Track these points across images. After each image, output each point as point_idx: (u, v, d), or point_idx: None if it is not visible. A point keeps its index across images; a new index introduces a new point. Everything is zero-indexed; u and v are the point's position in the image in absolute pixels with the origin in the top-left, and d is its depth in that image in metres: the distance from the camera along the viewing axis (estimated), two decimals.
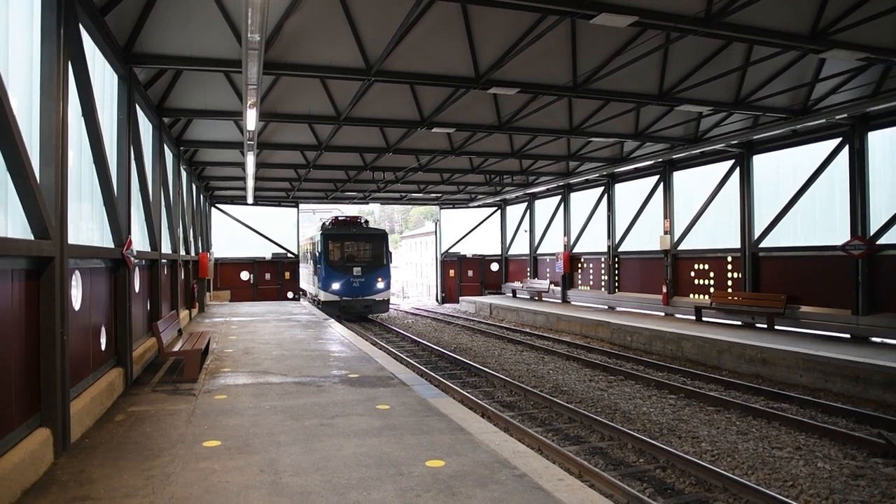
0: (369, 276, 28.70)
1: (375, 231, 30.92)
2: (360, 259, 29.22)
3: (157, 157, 14.62)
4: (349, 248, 29.42)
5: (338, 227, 30.09)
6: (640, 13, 9.34)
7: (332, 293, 28.10)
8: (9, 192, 5.77)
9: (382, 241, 29.99)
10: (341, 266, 28.53)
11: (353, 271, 28.36)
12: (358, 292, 28.31)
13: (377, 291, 28.80)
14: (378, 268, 29.08)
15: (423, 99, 15.26)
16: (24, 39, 6.43)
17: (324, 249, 28.48)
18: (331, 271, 28.38)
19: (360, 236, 29.68)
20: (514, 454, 6.46)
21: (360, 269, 28.56)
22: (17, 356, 5.70)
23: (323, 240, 28.77)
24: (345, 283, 28.17)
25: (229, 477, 5.79)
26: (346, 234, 29.41)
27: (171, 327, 12.81)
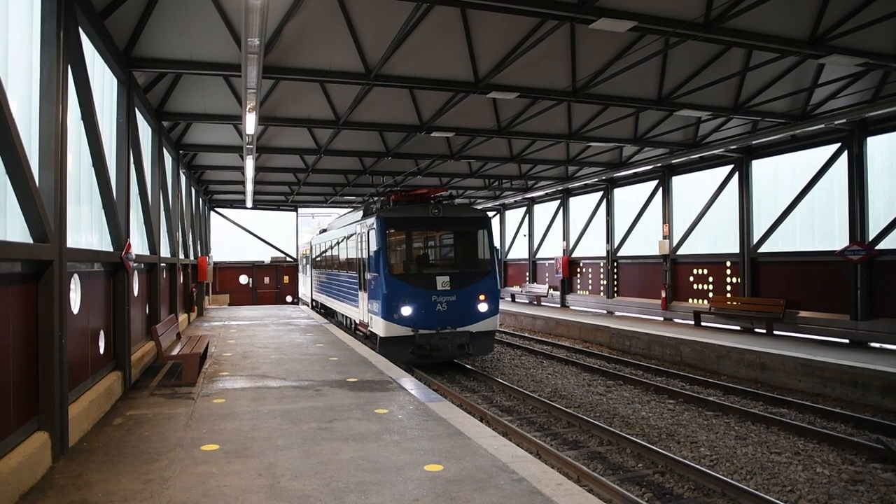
0: (465, 293, 15.72)
1: (472, 214, 17.09)
2: (449, 262, 16.88)
3: (156, 160, 14.63)
4: (429, 243, 17.38)
5: (406, 206, 16.78)
6: (640, 18, 9.37)
7: (399, 323, 15.08)
8: (8, 195, 5.77)
9: (484, 231, 16.63)
10: (416, 275, 15.75)
11: (436, 284, 15.51)
12: (447, 320, 15.38)
13: (478, 317, 15.74)
14: (478, 276, 16.08)
15: (423, 103, 15.28)
16: (23, 43, 6.44)
17: (382, 246, 15.55)
18: (397, 285, 15.31)
19: (447, 223, 16.55)
20: (513, 459, 6.45)
21: (450, 279, 15.64)
22: (16, 359, 5.69)
23: (379, 229, 15.69)
24: (424, 306, 15.26)
25: (227, 481, 5.78)
26: (423, 220, 16.29)
27: (170, 331, 12.80)
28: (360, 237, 17.78)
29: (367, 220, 16.87)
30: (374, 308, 15.94)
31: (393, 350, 15.05)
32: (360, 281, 17.81)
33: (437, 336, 15.20)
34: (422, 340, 15.08)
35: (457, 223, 16.62)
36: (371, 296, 16.34)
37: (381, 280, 15.28)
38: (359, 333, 18.77)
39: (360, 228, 17.98)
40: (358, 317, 18.48)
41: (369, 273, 16.44)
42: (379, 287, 15.41)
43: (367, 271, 16.67)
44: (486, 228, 16.59)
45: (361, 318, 17.87)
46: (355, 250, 18.71)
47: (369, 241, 16.39)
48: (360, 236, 17.78)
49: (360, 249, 17.78)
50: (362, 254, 17.52)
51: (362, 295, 17.61)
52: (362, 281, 17.57)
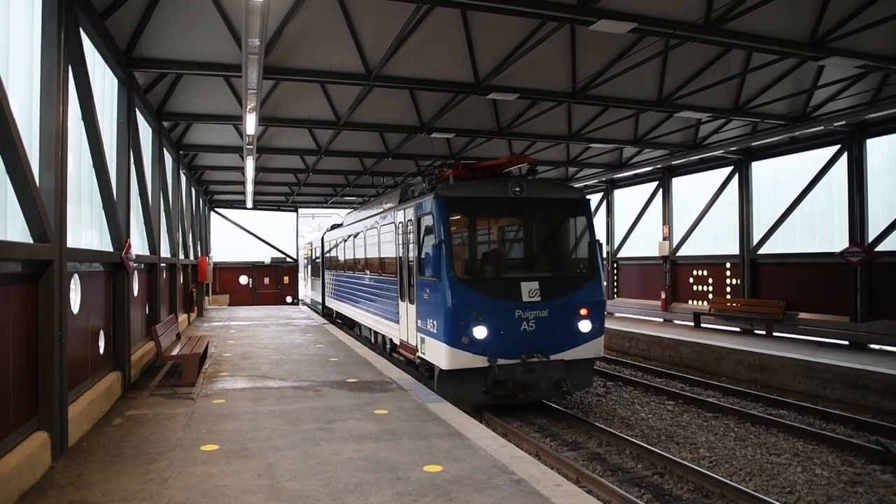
0: (561, 306, 11.13)
1: (567, 194, 12.21)
2: (537, 262, 11.92)
3: (156, 161, 14.64)
4: (509, 235, 12.54)
5: (472, 183, 11.79)
6: (640, 20, 9.38)
7: (470, 349, 10.52)
8: (8, 195, 5.78)
9: (584, 217, 12.09)
10: (494, 281, 11.07)
11: (521, 293, 10.89)
12: (536, 345, 10.83)
13: (578, 340, 11.23)
14: (578, 281, 11.60)
15: (423, 104, 15.29)
16: (24, 43, 6.45)
17: (444, 238, 10.85)
18: (466, 295, 10.65)
19: (533, 206, 11.74)
20: (512, 459, 6.46)
21: (540, 287, 11.03)
22: (16, 359, 5.70)
23: (439, 214, 11.05)
24: (504, 325, 10.71)
25: (227, 481, 5.78)
26: (501, 202, 11.51)
27: (170, 331, 12.81)
28: (400, 229, 13.15)
29: (412, 204, 12.24)
30: (428, 326, 11.08)
31: (459, 388, 10.55)
32: (402, 287, 13.00)
33: (521, 368, 10.47)
34: (502, 374, 10.32)
35: (547, 206, 11.74)
36: (423, 309, 11.37)
37: (444, 287, 10.35)
38: (397, 357, 14.29)
39: (399, 217, 13.26)
40: (396, 335, 13.63)
41: (420, 276, 11.47)
42: (439, 297, 10.49)
43: (416, 274, 11.73)
44: (586, 214, 11.88)
45: (403, 338, 12.93)
46: (391, 246, 14.05)
47: (419, 232, 11.70)
48: (401, 227, 13.14)
49: (400, 245, 13.11)
50: (403, 251, 12.92)
51: (405, 307, 12.79)
52: (404, 287, 12.82)
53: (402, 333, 13.14)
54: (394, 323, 13.87)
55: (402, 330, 13.12)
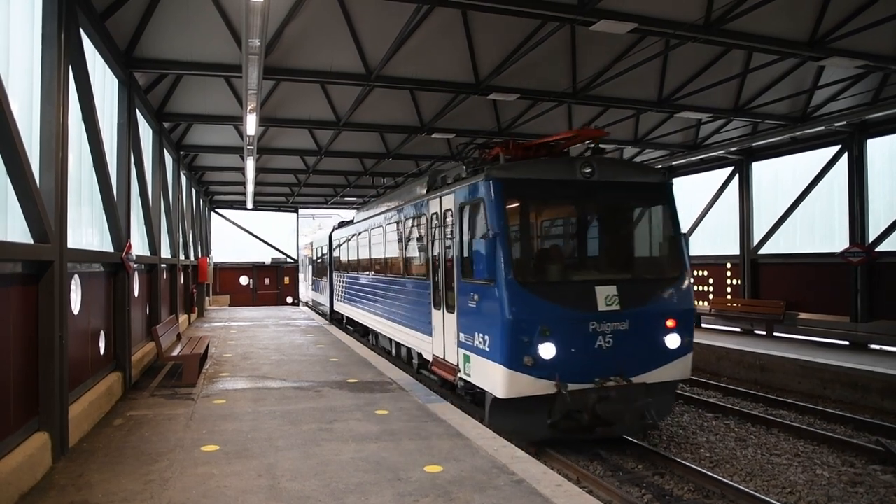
0: (643, 316, 8.92)
1: (647, 177, 9.81)
2: (612, 262, 9.78)
3: (156, 161, 14.65)
4: (576, 228, 10.06)
5: (530, 163, 9.49)
6: (640, 20, 9.39)
7: (534, 372, 8.21)
8: (9, 195, 5.78)
9: (666, 206, 9.80)
10: (562, 285, 8.87)
11: (595, 301, 8.64)
12: (613, 365, 8.64)
13: (664, 358, 9.07)
14: (662, 285, 9.34)
15: (423, 104, 15.29)
16: (24, 44, 6.45)
17: (500, 230, 8.49)
18: (529, 303, 8.35)
19: (606, 191, 9.44)
20: (512, 459, 6.46)
21: (618, 292, 8.75)
22: (16, 360, 5.70)
23: (495, 200, 8.72)
24: (576, 341, 8.45)
25: (227, 482, 5.78)
26: (568, 186, 9.22)
27: (171, 332, 12.81)
28: (433, 222, 10.97)
29: (450, 191, 10.12)
30: (476, 342, 8.95)
31: (518, 421, 8.56)
32: (435, 292, 10.92)
33: (596, 394, 8.33)
34: (575, 402, 8.27)
35: (624, 192, 9.50)
36: (469, 320, 9.23)
37: (501, 293, 8.21)
38: (426, 375, 12.22)
39: (432, 208, 11.07)
40: (427, 349, 11.46)
41: (464, 279, 9.39)
42: (494, 306, 8.38)
43: (458, 276, 9.63)
44: (668, 201, 9.67)
45: (438, 354, 10.83)
46: (420, 244, 11.99)
47: (462, 225, 9.63)
48: (434, 220, 10.95)
49: (433, 241, 10.99)
50: (437, 249, 10.76)
51: (440, 317, 10.63)
52: (439, 292, 10.69)
53: (437, 348, 10.86)
54: (424, 335, 11.56)
55: (437, 344, 10.84)
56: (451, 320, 10.05)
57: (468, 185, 9.44)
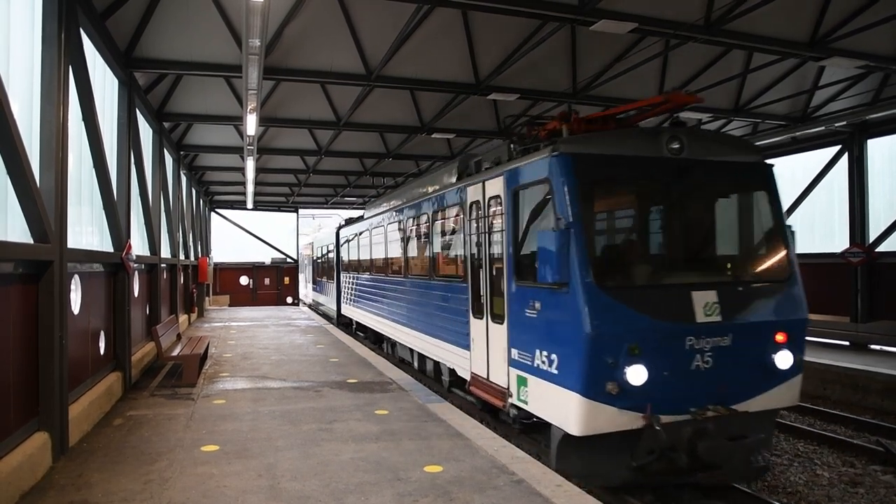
0: (749, 329, 7.00)
1: (745, 156, 7.84)
2: (708, 261, 7.80)
3: (156, 161, 14.65)
4: (661, 216, 7.72)
5: (610, 136, 7.41)
6: (640, 20, 9.39)
7: (619, 402, 6.38)
8: (9, 195, 5.78)
9: (767, 188, 7.97)
10: (649, 291, 6.94)
11: (693, 310, 6.75)
12: (713, 390, 6.80)
13: (772, 381, 7.10)
14: (774, 289, 7.37)
15: (423, 104, 15.29)
16: (25, 44, 6.45)
17: (575, 221, 6.62)
18: (614, 312, 6.48)
19: (699, 172, 7.40)
20: (512, 460, 6.46)
21: (719, 299, 6.86)
22: (16, 359, 5.70)
23: (563, 179, 6.81)
24: (669, 362, 6.58)
25: (227, 481, 5.78)
26: (654, 165, 7.20)
27: (171, 332, 12.81)
28: (474, 212, 9.29)
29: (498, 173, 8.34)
30: (538, 361, 7.17)
31: (595, 462, 6.82)
32: (474, 297, 9.22)
33: (691, 428, 6.62)
34: (670, 438, 6.53)
35: (718, 173, 7.64)
36: (528, 333, 7.49)
37: (577, 300, 6.49)
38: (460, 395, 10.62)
39: (471, 195, 9.36)
40: (463, 365, 9.67)
41: (521, 282, 7.60)
42: (567, 316, 6.67)
43: (510, 278, 7.85)
44: (769, 186, 7.99)
45: (478, 372, 9.05)
46: (455, 239, 10.28)
47: (516, 214, 7.84)
48: (474, 211, 9.29)
49: (473, 236, 9.27)
50: (480, 244, 9.01)
51: (481, 327, 8.88)
52: (480, 297, 8.97)
53: (477, 365, 9.09)
54: (458, 348, 9.79)
55: (477, 360, 9.08)
56: (498, 332, 8.20)
57: (526, 164, 7.52)
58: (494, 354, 8.43)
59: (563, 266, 6.50)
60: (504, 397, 8.05)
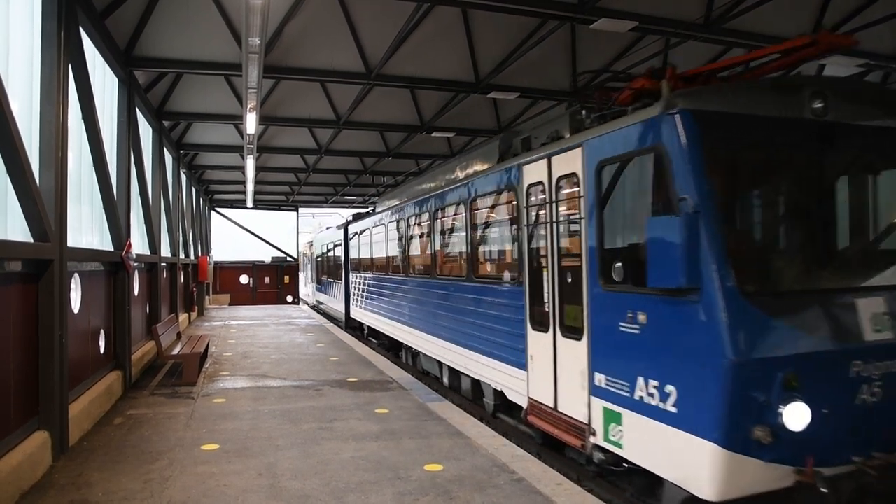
0: None
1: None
2: (870, 256, 5.99)
3: (156, 160, 14.64)
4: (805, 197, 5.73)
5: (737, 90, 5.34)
6: (640, 18, 9.39)
7: (770, 455, 4.65)
8: (9, 195, 5.78)
9: None
10: (804, 299, 5.01)
11: (857, 323, 4.97)
12: (878, 428, 4.98)
13: None
14: None
15: (423, 103, 15.28)
16: (24, 43, 6.45)
17: (705, 201, 4.78)
18: (765, 328, 4.69)
19: (850, 137, 5.52)
20: (513, 458, 6.46)
21: (886, 304, 5.09)
22: (16, 358, 5.70)
23: (684, 145, 4.93)
24: (829, 395, 4.81)
25: (227, 480, 5.78)
26: (788, 128, 5.28)
27: (171, 331, 12.81)
28: (531, 198, 7.58)
29: (573, 144, 6.59)
30: (646, 394, 5.41)
31: None
32: (535, 304, 7.46)
33: (856, 483, 4.87)
34: (832, 500, 4.72)
35: (876, 141, 5.78)
36: (626, 355, 5.74)
37: (713, 312, 4.72)
38: (511, 422, 8.66)
39: (531, 175, 7.51)
40: (519, 387, 7.78)
41: (610, 286, 5.94)
42: (695, 334, 4.91)
43: (594, 280, 6.17)
44: None
45: (545, 400, 7.16)
46: (508, 230, 8.47)
47: (613, 193, 6.03)
48: (532, 196, 7.57)
49: (537, 225, 7.47)
50: (541, 237, 7.35)
51: (548, 341, 7.06)
52: (544, 305, 7.20)
53: (538, 389, 7.25)
54: (510, 366, 7.99)
55: (538, 383, 7.26)
56: (572, 350, 6.47)
57: (621, 129, 5.72)
58: (566, 378, 6.63)
59: (690, 265, 4.74)
60: (583, 435, 6.26)
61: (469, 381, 9.92)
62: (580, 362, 6.33)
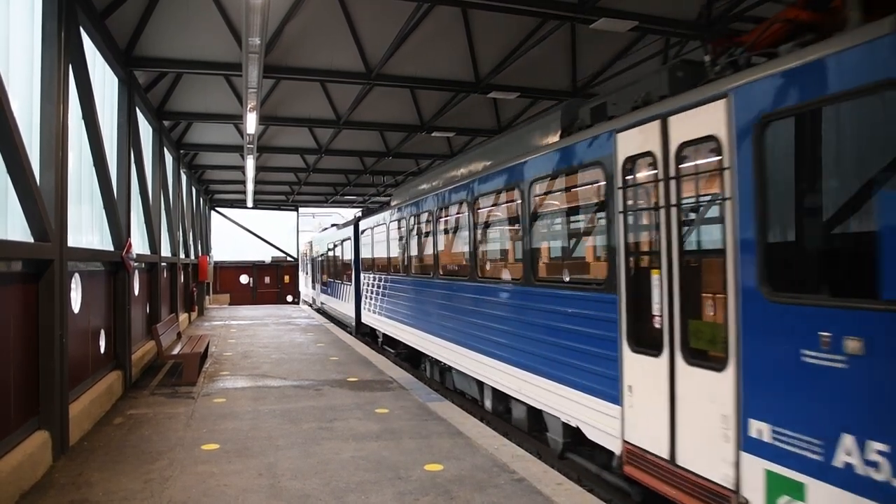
0: None
1: None
2: None
3: (156, 160, 14.64)
4: None
5: None
6: (640, 18, 9.38)
7: None
8: (9, 195, 5.78)
9: None
10: None
11: None
12: None
13: None
14: None
15: (423, 103, 15.29)
16: (24, 43, 6.45)
17: None
18: None
19: None
20: (513, 458, 6.45)
21: None
22: (16, 358, 5.70)
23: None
24: None
25: (228, 480, 5.78)
26: None
27: (171, 330, 12.81)
28: (631, 174, 5.78)
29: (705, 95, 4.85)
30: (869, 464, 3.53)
31: None
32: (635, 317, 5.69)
33: None
34: None
35: None
36: (830, 404, 3.83)
37: None
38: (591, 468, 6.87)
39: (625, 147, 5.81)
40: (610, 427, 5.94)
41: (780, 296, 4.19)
42: None
43: (741, 288, 4.47)
44: None
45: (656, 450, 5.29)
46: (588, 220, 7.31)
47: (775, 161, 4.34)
48: (632, 172, 5.77)
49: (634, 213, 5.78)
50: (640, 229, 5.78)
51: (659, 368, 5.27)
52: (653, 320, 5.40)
53: (638, 430, 5.57)
54: (592, 396, 6.24)
55: (641, 422, 5.53)
56: (706, 383, 4.78)
57: (809, 61, 4.03)
58: (694, 422, 4.90)
59: None
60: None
61: (524, 410, 7.95)
62: (721, 402, 4.61)
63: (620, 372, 5.76)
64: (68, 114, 7.01)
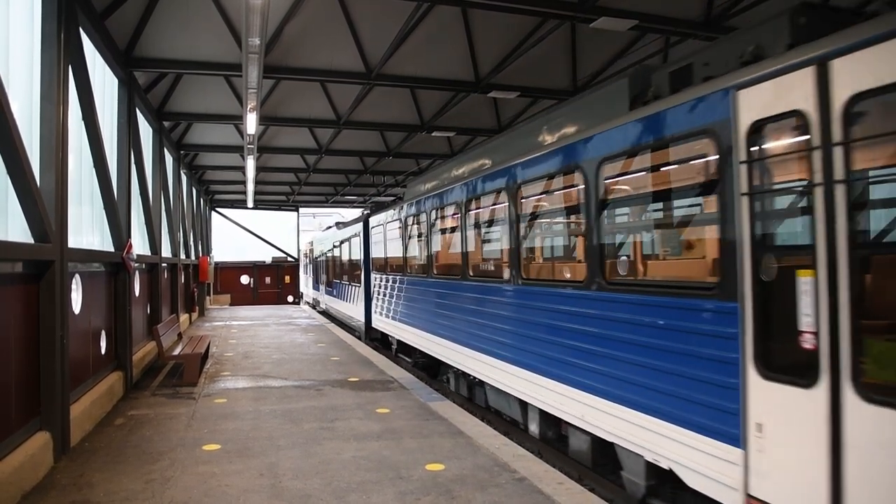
0: None
1: None
2: None
3: (157, 160, 14.64)
4: None
5: None
6: (640, 17, 9.37)
7: None
8: (9, 195, 5.78)
9: None
10: None
11: None
12: None
13: None
14: None
15: (424, 103, 15.28)
16: (24, 44, 6.45)
17: None
18: None
19: None
20: (514, 458, 6.45)
21: None
22: (17, 359, 5.70)
23: None
24: None
25: (229, 480, 5.78)
26: None
27: (172, 331, 12.81)
28: (764, 139, 4.27)
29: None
30: None
31: None
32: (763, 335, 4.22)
33: None
34: None
35: None
36: None
37: None
38: None
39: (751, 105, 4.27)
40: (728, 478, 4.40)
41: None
42: None
43: None
44: None
45: None
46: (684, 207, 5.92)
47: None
48: (765, 137, 4.26)
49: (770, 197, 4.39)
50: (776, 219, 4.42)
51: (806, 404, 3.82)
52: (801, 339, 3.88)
53: (775, 485, 4.10)
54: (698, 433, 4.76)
55: (777, 472, 4.08)
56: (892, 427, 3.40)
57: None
58: (870, 479, 3.50)
59: None
60: None
61: (587, 441, 6.59)
62: None
63: (743, 404, 4.31)
64: (68, 114, 7.01)
